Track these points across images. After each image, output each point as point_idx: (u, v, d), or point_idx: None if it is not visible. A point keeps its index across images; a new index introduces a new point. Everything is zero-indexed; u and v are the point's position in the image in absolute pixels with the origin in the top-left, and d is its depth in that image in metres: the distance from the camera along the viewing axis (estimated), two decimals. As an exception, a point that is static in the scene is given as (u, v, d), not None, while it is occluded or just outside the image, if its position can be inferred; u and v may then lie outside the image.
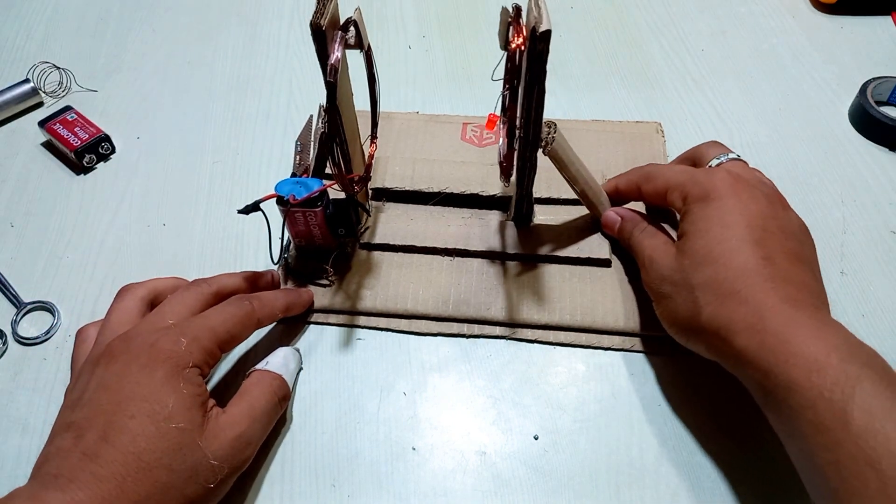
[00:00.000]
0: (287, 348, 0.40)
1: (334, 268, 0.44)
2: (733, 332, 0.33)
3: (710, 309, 0.34)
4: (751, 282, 0.34)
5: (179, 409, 0.32)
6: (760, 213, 0.36)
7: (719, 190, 0.37)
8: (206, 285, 0.38)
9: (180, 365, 0.33)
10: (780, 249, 0.35)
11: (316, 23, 0.33)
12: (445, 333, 0.43)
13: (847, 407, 0.28)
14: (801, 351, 0.31)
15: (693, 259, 0.36)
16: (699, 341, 0.36)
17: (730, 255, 0.35)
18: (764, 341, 0.32)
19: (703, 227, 0.36)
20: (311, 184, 0.40)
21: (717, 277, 0.34)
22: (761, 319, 0.32)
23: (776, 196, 0.39)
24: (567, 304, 0.43)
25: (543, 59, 0.34)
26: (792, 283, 0.34)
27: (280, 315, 0.40)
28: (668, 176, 0.40)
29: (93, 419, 0.31)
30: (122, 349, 0.33)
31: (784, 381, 0.31)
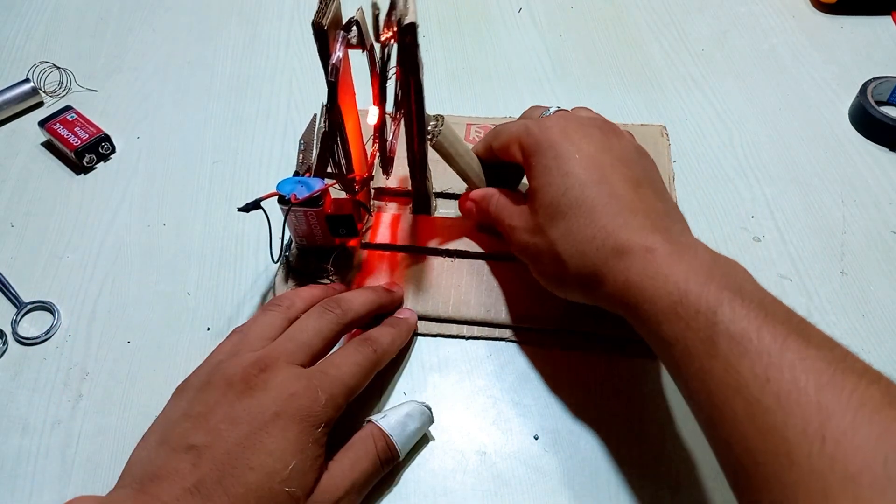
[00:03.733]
0: (416, 405, 0.37)
1: (335, 267, 0.44)
2: (599, 279, 0.34)
3: (574, 262, 0.35)
4: (602, 223, 0.34)
5: (298, 474, 0.31)
6: (594, 149, 0.36)
7: (551, 137, 0.37)
8: (342, 312, 0.38)
9: (314, 424, 0.32)
10: (622, 180, 0.35)
11: (318, 22, 0.33)
12: (445, 334, 0.43)
13: (710, 335, 0.29)
14: (662, 284, 0.31)
15: (545, 216, 0.36)
16: (574, 294, 0.36)
17: (577, 203, 0.35)
18: (628, 280, 0.32)
19: (545, 180, 0.36)
20: (313, 183, 0.40)
21: (571, 228, 0.35)
22: (621, 259, 0.33)
23: (607, 126, 0.39)
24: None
25: (413, 51, 0.34)
26: (640, 213, 0.34)
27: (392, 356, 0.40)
28: (508, 130, 0.40)
29: (215, 453, 0.30)
30: (261, 385, 0.33)
31: (653, 317, 0.31)
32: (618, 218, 0.34)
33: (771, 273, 0.45)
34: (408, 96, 0.37)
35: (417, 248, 0.45)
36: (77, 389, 0.41)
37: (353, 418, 0.38)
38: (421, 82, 0.36)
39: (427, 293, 0.44)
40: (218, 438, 0.31)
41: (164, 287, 0.46)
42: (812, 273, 0.45)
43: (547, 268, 0.37)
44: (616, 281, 0.33)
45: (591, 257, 0.34)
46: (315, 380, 0.34)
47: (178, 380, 0.39)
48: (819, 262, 0.46)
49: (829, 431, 0.24)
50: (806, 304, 0.43)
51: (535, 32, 0.63)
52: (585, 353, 0.42)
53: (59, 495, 0.37)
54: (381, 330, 0.40)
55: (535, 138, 0.38)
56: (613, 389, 0.40)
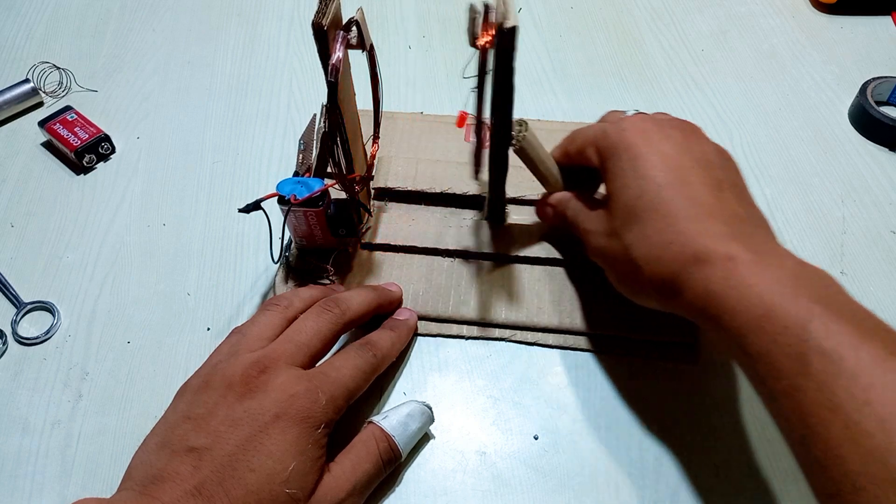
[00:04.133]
0: (417, 405, 0.37)
1: (335, 267, 0.44)
2: (677, 287, 0.32)
3: (649, 267, 0.33)
4: (680, 229, 0.33)
5: (298, 475, 0.31)
6: (674, 151, 0.35)
7: (627, 139, 0.36)
8: (340, 311, 0.37)
9: (313, 425, 0.32)
10: (702, 184, 0.34)
11: (318, 22, 0.33)
12: (445, 335, 0.43)
13: (802, 351, 0.27)
14: (746, 295, 0.29)
15: (621, 219, 0.35)
16: (649, 300, 0.35)
17: (653, 207, 0.34)
18: (708, 290, 0.31)
19: (622, 183, 0.35)
20: (313, 183, 0.40)
21: (647, 233, 0.34)
22: (700, 267, 0.31)
23: (688, 126, 0.38)
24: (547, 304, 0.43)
25: (510, 56, 0.34)
26: (721, 218, 0.33)
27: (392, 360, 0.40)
28: (585, 134, 0.40)
29: (215, 455, 0.30)
30: (260, 387, 0.32)
31: (736, 330, 0.30)
32: (697, 223, 0.32)
33: (771, 273, 0.45)
34: (499, 100, 0.36)
35: (417, 248, 0.45)
36: (77, 389, 0.41)
37: (354, 419, 0.39)
38: (512, 84, 0.35)
39: (427, 293, 0.44)
40: (218, 440, 0.31)
41: (164, 287, 0.46)
42: (812, 273, 0.45)
43: (622, 273, 0.36)
44: (695, 290, 0.31)
45: (669, 263, 0.33)
46: (315, 381, 0.33)
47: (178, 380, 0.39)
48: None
49: None
50: (806, 304, 0.43)
51: (535, 32, 0.63)
52: (586, 353, 0.42)
53: (59, 495, 0.37)
54: (382, 334, 0.40)
55: (612, 140, 0.37)
56: (614, 390, 0.40)
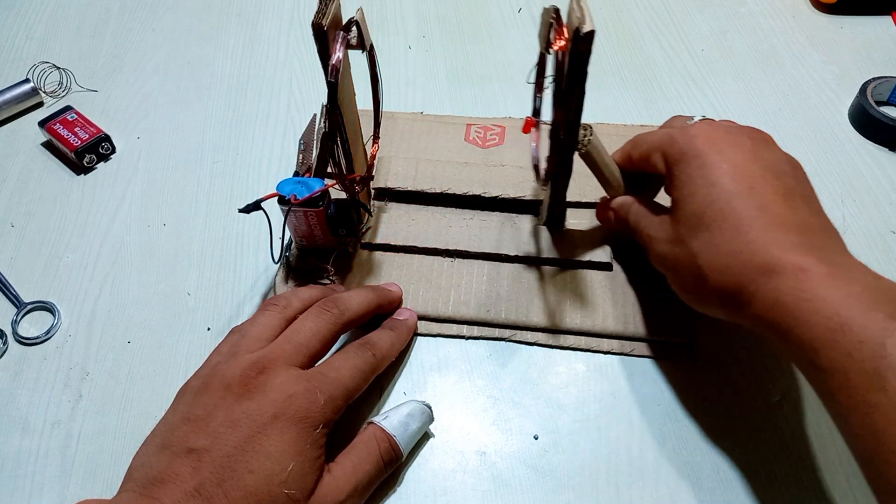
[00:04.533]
0: (417, 405, 0.37)
1: (335, 267, 0.44)
2: (744, 298, 0.32)
3: (715, 276, 0.33)
4: (750, 238, 0.32)
5: (297, 475, 0.31)
6: (744, 159, 0.35)
7: (697, 146, 0.35)
8: (339, 312, 0.37)
9: (312, 426, 0.32)
10: (773, 193, 0.33)
11: (318, 23, 0.33)
12: (445, 335, 0.43)
13: (877, 367, 0.27)
14: (819, 308, 0.29)
15: (687, 227, 0.35)
16: (714, 309, 0.35)
17: (722, 215, 0.33)
18: (778, 301, 0.30)
19: (690, 190, 0.35)
20: (313, 183, 0.40)
21: (715, 241, 0.33)
22: (770, 278, 0.31)
23: (758, 134, 0.37)
24: (567, 308, 0.43)
25: (585, 60, 0.33)
26: (792, 229, 0.32)
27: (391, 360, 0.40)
28: (649, 140, 0.39)
29: (214, 457, 0.31)
30: (259, 388, 0.32)
31: (808, 343, 0.29)
32: (767, 233, 0.32)
33: (771, 273, 0.45)
34: (569, 105, 0.35)
35: (417, 248, 0.45)
36: (77, 389, 0.41)
37: (354, 419, 0.39)
38: (584, 89, 0.35)
39: (427, 293, 0.44)
40: (217, 442, 0.31)
41: (164, 287, 0.46)
42: (812, 273, 0.45)
43: (686, 281, 0.36)
44: (765, 301, 0.31)
45: (736, 273, 0.32)
46: (314, 381, 0.33)
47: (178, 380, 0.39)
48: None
49: None
50: (806, 304, 0.43)
51: (535, 32, 0.63)
52: (586, 353, 0.42)
53: (59, 495, 0.37)
54: (381, 334, 0.40)
55: (680, 147, 0.36)
56: (613, 390, 0.40)
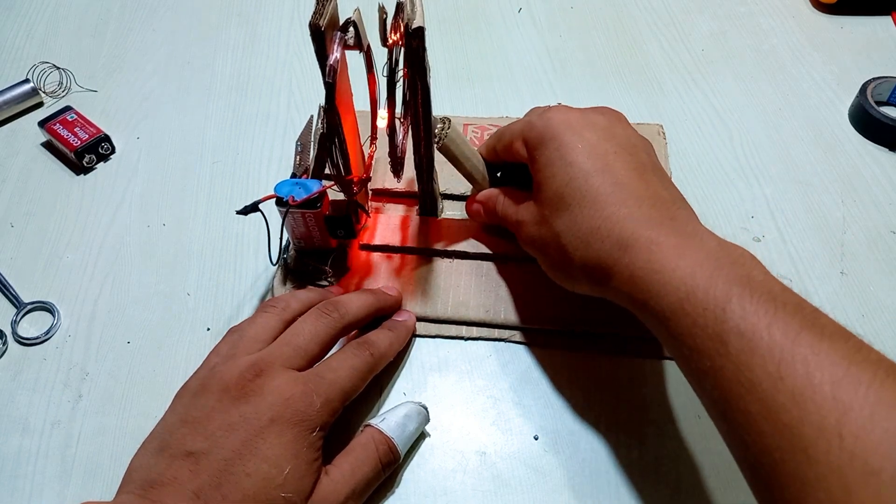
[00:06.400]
0: (413, 406, 0.37)
1: (333, 269, 0.44)
2: (605, 272, 0.33)
3: (579, 253, 0.34)
4: (606, 213, 0.33)
5: (293, 478, 0.31)
6: (598, 137, 0.36)
7: (553, 128, 0.37)
8: (339, 315, 0.38)
9: (309, 428, 0.32)
10: (626, 168, 0.35)
11: (315, 23, 0.33)
12: (444, 336, 0.43)
13: (720, 332, 0.28)
14: (668, 279, 0.30)
15: (550, 207, 0.36)
16: (581, 286, 0.36)
17: (580, 193, 0.34)
18: (633, 275, 0.32)
19: (549, 172, 0.36)
20: (311, 185, 0.40)
21: (576, 219, 0.34)
22: (625, 252, 0.32)
23: (611, 113, 0.39)
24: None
25: (420, 55, 0.34)
26: (646, 202, 0.34)
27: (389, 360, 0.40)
28: (511, 129, 0.40)
29: (212, 460, 0.31)
30: (256, 390, 0.32)
31: (660, 314, 0.31)
32: (622, 207, 0.33)
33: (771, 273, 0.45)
34: (415, 99, 0.37)
35: (416, 248, 0.45)
36: (77, 389, 0.41)
37: (352, 419, 0.39)
38: (428, 86, 0.36)
39: (426, 294, 0.43)
40: (215, 445, 0.31)
41: (164, 287, 0.46)
42: (812, 273, 0.45)
43: (553, 260, 0.37)
44: (622, 275, 0.32)
45: (596, 249, 0.33)
46: (310, 383, 0.33)
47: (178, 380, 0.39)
48: (819, 262, 0.46)
49: (846, 427, 0.24)
50: (806, 304, 0.43)
51: (535, 32, 0.63)
52: (586, 353, 0.42)
53: (59, 495, 0.37)
54: (379, 333, 0.39)
55: (538, 131, 0.38)
56: (614, 390, 0.40)
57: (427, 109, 0.37)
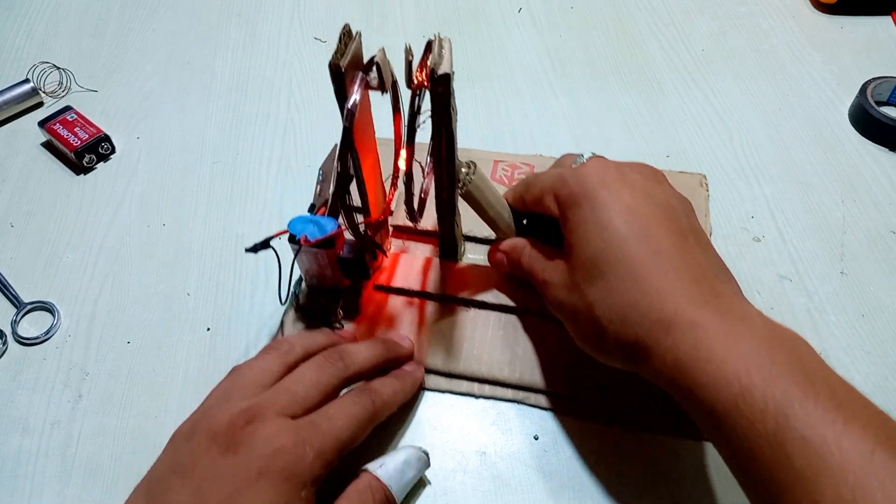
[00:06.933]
0: (413, 451, 0.35)
1: (345, 309, 0.42)
2: (644, 352, 0.31)
3: (614, 328, 0.32)
4: (645, 287, 0.31)
5: None
6: (636, 199, 0.34)
7: (587, 187, 0.34)
8: (343, 365, 0.35)
9: (300, 483, 0.30)
10: (665, 234, 0.33)
11: (335, 63, 0.31)
12: (455, 391, 0.40)
13: (782, 440, 0.26)
14: (719, 372, 0.28)
15: (583, 273, 0.33)
16: (615, 361, 0.33)
17: (617, 261, 0.32)
18: (678, 360, 0.29)
19: (583, 234, 0.34)
20: (325, 224, 0.37)
21: (611, 290, 0.32)
22: (668, 333, 0.30)
23: (649, 171, 0.36)
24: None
25: (446, 101, 0.32)
26: (687, 273, 0.31)
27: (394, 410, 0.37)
28: (541, 181, 0.38)
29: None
30: (245, 439, 0.30)
31: (710, 408, 0.28)
32: (663, 281, 0.31)
33: (771, 273, 0.45)
34: (439, 144, 0.35)
35: (433, 294, 0.42)
36: (77, 389, 0.41)
37: (350, 463, 0.36)
38: (453, 131, 0.34)
39: (439, 345, 0.41)
40: (200, 499, 0.29)
41: (164, 287, 0.46)
42: (812, 273, 0.45)
43: (585, 331, 0.34)
44: (664, 358, 0.30)
45: (634, 326, 0.31)
46: (303, 433, 0.31)
47: (177, 380, 0.39)
48: (819, 262, 0.46)
49: None
50: (806, 304, 0.43)
51: (535, 32, 0.63)
52: (617, 427, 0.39)
53: (58, 495, 0.37)
54: (384, 381, 0.37)
55: (571, 189, 0.35)
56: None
57: (451, 155, 0.35)
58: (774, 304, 0.44)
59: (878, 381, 0.40)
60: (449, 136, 0.34)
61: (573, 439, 0.38)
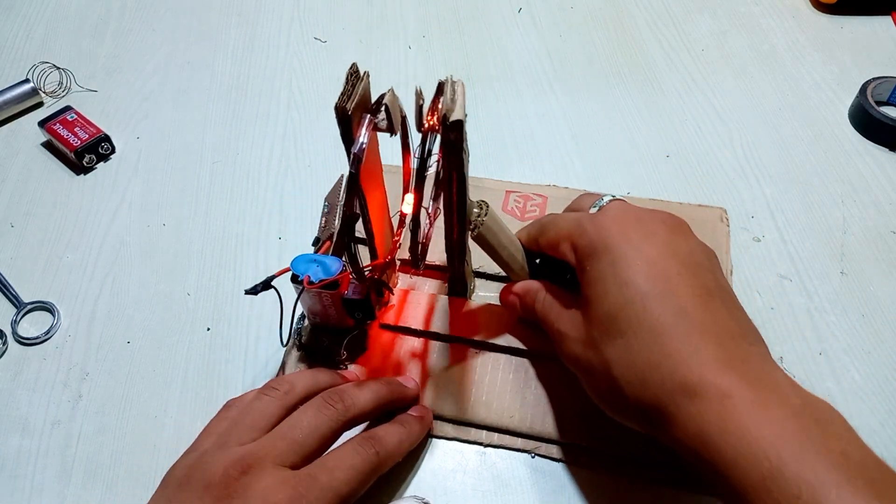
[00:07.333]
0: (414, 502, 0.35)
1: (350, 348, 0.41)
2: (665, 417, 0.29)
3: (633, 390, 0.30)
4: (667, 349, 0.29)
5: None
6: (659, 253, 0.32)
7: (607, 238, 0.32)
8: (343, 407, 0.34)
9: None
10: (690, 293, 0.31)
11: (342, 107, 0.30)
12: (461, 439, 0.38)
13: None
14: (748, 447, 0.26)
15: (600, 330, 0.32)
16: (632, 422, 0.32)
17: (637, 320, 0.30)
18: (702, 431, 0.28)
19: (602, 289, 0.32)
20: (329, 264, 0.36)
21: (631, 350, 0.30)
22: (691, 400, 0.28)
23: (672, 221, 0.34)
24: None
25: (458, 147, 0.31)
26: (712, 337, 0.29)
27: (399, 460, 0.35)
28: (558, 227, 0.36)
29: None
30: (240, 492, 0.29)
31: (736, 483, 0.26)
32: (686, 343, 0.29)
33: (771, 273, 0.45)
34: (449, 188, 0.33)
35: (440, 335, 0.41)
36: (77, 389, 0.41)
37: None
38: (465, 176, 0.32)
39: (445, 389, 0.39)
40: None
41: (164, 287, 0.46)
42: (812, 273, 0.45)
43: (601, 389, 0.32)
44: (686, 427, 0.28)
45: (655, 389, 0.29)
46: (302, 487, 0.30)
47: (177, 380, 0.39)
48: (819, 262, 0.46)
49: None
50: (806, 304, 0.43)
51: (535, 32, 0.63)
52: (633, 480, 0.37)
53: (58, 495, 0.37)
54: (389, 429, 0.35)
55: (590, 239, 0.33)
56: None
57: (462, 198, 0.34)
58: (774, 304, 0.44)
59: (878, 382, 0.40)
60: (460, 181, 0.32)
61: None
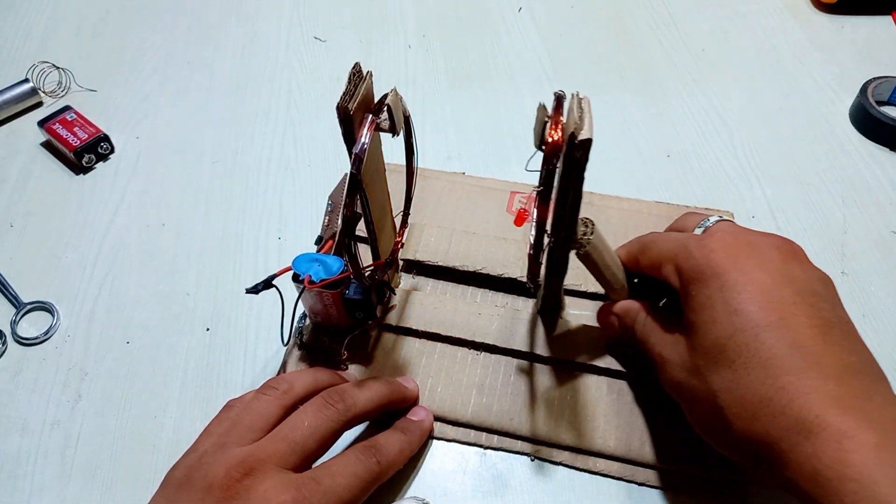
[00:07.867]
0: (414, 503, 0.35)
1: (351, 349, 0.40)
2: (776, 456, 0.28)
3: (741, 423, 0.29)
4: (781, 383, 0.28)
5: None
6: (773, 281, 0.30)
7: (715, 263, 0.31)
8: (344, 407, 0.34)
9: None
10: (807, 325, 0.29)
11: (344, 107, 0.29)
12: (461, 441, 0.38)
13: None
14: (867, 493, 0.25)
15: (706, 358, 0.30)
16: (737, 456, 0.30)
17: (748, 351, 0.29)
18: (818, 473, 0.26)
19: (709, 315, 0.30)
20: (331, 264, 0.36)
21: (740, 382, 0.29)
22: (807, 439, 0.26)
23: (786, 246, 0.32)
24: (600, 424, 0.37)
25: (581, 166, 0.30)
26: (831, 373, 0.28)
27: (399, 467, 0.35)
28: (661, 247, 0.35)
29: None
30: (241, 494, 0.29)
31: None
32: (803, 378, 0.27)
33: (771, 273, 0.45)
34: (564, 204, 0.32)
35: (441, 336, 0.41)
36: (76, 390, 0.41)
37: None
38: (581, 193, 0.31)
39: (446, 390, 0.39)
40: None
41: (164, 287, 0.46)
42: (812, 273, 0.45)
43: (704, 419, 0.31)
44: (801, 467, 0.26)
45: (765, 424, 0.28)
46: (304, 490, 0.30)
47: (177, 380, 0.39)
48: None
49: None
50: (806, 304, 0.43)
51: (535, 32, 0.63)
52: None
53: (58, 495, 0.37)
54: (391, 437, 0.35)
55: (696, 263, 0.32)
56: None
57: (574, 217, 0.32)
58: (774, 304, 0.43)
59: (878, 382, 0.40)
60: (576, 199, 0.31)
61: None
